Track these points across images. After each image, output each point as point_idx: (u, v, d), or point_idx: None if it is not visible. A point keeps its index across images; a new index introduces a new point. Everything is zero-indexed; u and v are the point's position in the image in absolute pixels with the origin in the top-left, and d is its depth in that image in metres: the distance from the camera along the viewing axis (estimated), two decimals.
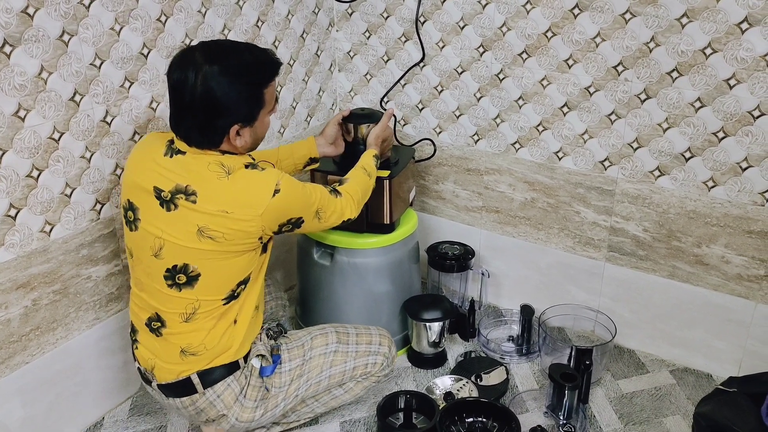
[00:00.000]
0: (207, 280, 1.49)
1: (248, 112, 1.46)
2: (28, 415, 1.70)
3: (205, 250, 1.45)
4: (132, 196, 1.51)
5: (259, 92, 1.46)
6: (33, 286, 1.64)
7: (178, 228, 1.44)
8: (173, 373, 1.56)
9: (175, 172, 1.44)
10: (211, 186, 1.43)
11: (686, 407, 1.92)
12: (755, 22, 1.65)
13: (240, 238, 1.46)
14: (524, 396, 1.97)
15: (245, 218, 1.43)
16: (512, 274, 2.35)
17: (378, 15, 2.25)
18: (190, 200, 1.42)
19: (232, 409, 1.59)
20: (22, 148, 1.54)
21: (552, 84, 2.01)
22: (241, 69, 1.43)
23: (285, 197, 1.46)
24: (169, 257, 1.47)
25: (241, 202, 1.43)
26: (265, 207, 1.44)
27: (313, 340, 1.73)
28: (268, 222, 1.47)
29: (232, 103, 1.41)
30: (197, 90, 1.38)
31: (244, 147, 1.50)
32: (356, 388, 1.78)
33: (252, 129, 1.49)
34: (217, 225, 1.43)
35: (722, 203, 1.87)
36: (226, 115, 1.42)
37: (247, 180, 1.45)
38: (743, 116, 1.76)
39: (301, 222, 1.56)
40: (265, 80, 1.47)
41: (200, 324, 1.52)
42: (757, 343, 1.94)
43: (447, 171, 2.33)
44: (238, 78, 1.41)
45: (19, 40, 1.47)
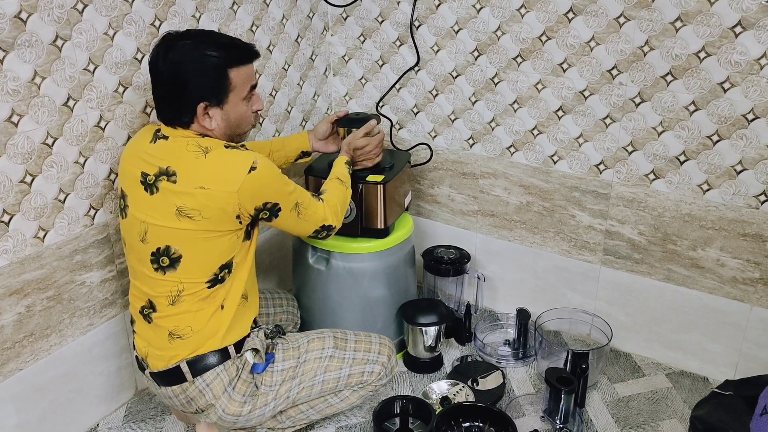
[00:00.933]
0: (188, 262, 1.52)
1: (213, 89, 1.49)
2: (22, 421, 1.69)
3: (184, 230, 1.48)
4: (124, 184, 1.57)
5: (224, 71, 1.49)
6: (26, 293, 1.63)
7: (159, 210, 1.49)
8: (164, 359, 1.58)
9: (158, 156, 1.50)
10: (189, 164, 1.48)
11: (682, 410, 1.92)
12: (749, 25, 1.66)
13: (217, 216, 1.48)
14: (521, 400, 1.97)
15: (221, 195, 1.46)
16: (508, 278, 2.35)
17: (372, 19, 2.25)
18: (170, 180, 1.47)
19: (220, 400, 1.59)
20: (16, 154, 1.53)
21: (547, 88, 2.02)
22: (208, 44, 1.49)
23: (261, 176, 1.48)
24: (152, 240, 1.52)
25: (218, 177, 1.46)
26: (241, 183, 1.45)
27: (310, 344, 1.72)
28: (244, 200, 1.48)
29: (194, 74, 1.46)
30: (165, 63, 1.47)
31: (218, 131, 1.53)
32: (352, 396, 1.76)
33: (223, 112, 1.52)
34: (194, 203, 1.46)
35: (717, 206, 1.87)
36: (190, 88, 1.47)
37: (225, 157, 1.49)
38: (737, 119, 1.76)
39: (278, 210, 1.56)
40: (231, 60, 1.50)
41: (186, 306, 1.55)
42: (753, 346, 1.94)
43: (442, 175, 2.33)
44: (202, 51, 1.47)
45: (12, 45, 1.47)
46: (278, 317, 1.99)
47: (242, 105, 1.55)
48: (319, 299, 2.07)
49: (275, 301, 2.01)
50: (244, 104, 1.55)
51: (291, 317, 2.04)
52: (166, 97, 1.51)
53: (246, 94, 1.55)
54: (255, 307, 1.71)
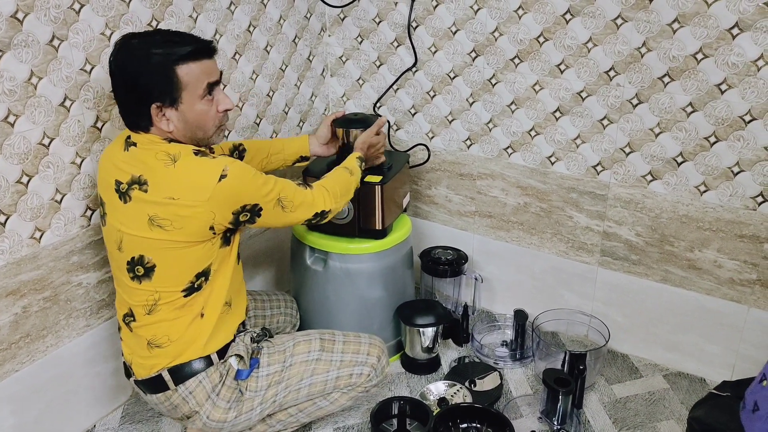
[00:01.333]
0: (163, 271, 1.49)
1: (162, 89, 1.42)
2: (18, 423, 1.68)
3: (157, 240, 1.45)
4: (101, 191, 1.55)
5: (170, 69, 1.41)
6: (23, 293, 1.63)
7: (133, 219, 1.46)
8: (145, 368, 1.57)
9: (130, 164, 1.47)
10: (159, 174, 1.43)
11: (680, 411, 1.92)
12: (746, 27, 1.66)
13: (189, 226, 1.44)
14: (518, 401, 1.97)
15: (192, 204, 1.42)
16: (505, 279, 2.35)
17: (370, 20, 2.25)
18: (142, 189, 1.44)
19: (204, 407, 1.58)
20: (12, 154, 1.53)
21: (544, 89, 2.02)
22: (150, 43, 1.43)
23: (233, 182, 1.43)
24: (127, 249, 1.50)
25: (187, 187, 1.42)
26: (211, 192, 1.41)
27: (296, 347, 1.70)
28: (218, 209, 1.44)
29: (140, 74, 1.41)
30: (115, 65, 1.43)
31: (178, 132, 1.47)
32: (342, 399, 1.74)
33: (178, 112, 1.44)
34: (165, 213, 1.43)
35: (714, 208, 1.87)
36: (139, 88, 1.42)
37: (193, 166, 1.44)
38: (735, 121, 1.76)
39: (260, 210, 1.52)
40: (178, 57, 1.41)
41: (162, 315, 1.53)
42: (750, 347, 1.94)
43: (440, 176, 2.33)
44: (147, 50, 1.41)
45: (9, 45, 1.46)
46: (275, 319, 1.99)
47: (201, 104, 1.46)
48: (317, 300, 2.07)
49: (273, 303, 2.01)
50: (203, 104, 1.47)
51: (289, 318, 2.04)
52: (121, 100, 1.47)
53: (202, 93, 1.45)
54: (240, 313, 1.68)
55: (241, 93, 2.08)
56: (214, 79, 1.48)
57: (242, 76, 2.06)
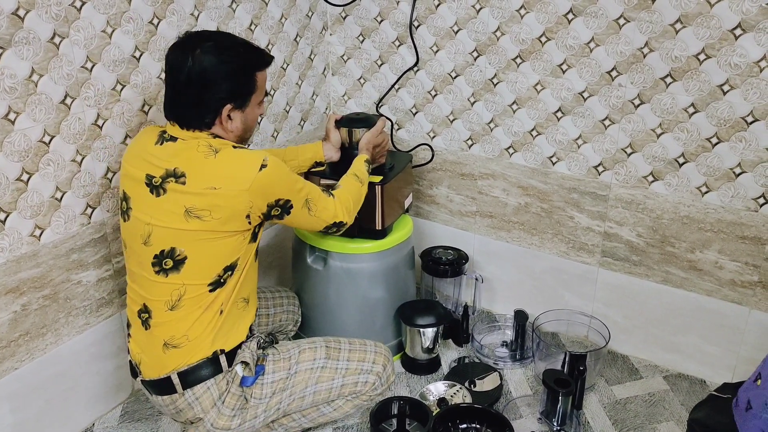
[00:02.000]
0: (193, 264, 1.50)
1: (239, 91, 1.49)
2: (18, 421, 1.68)
3: (192, 231, 1.47)
4: (126, 186, 1.55)
5: (251, 73, 1.51)
6: (22, 291, 1.62)
7: (166, 211, 1.47)
8: (156, 369, 1.56)
9: (164, 158, 1.48)
10: (199, 165, 1.46)
11: (680, 413, 1.92)
12: (749, 28, 1.66)
13: (227, 215, 1.46)
14: (518, 402, 1.97)
15: (232, 193, 1.45)
16: (506, 279, 2.35)
17: (372, 19, 2.25)
18: (179, 182, 1.45)
19: (209, 414, 1.58)
20: (12, 152, 1.52)
21: (546, 89, 2.01)
22: (234, 46, 1.50)
23: (271, 173, 1.48)
24: (157, 243, 1.49)
25: (228, 176, 1.45)
26: (252, 181, 1.45)
27: (301, 354, 1.69)
28: (256, 199, 1.48)
29: (222, 76, 1.46)
30: (192, 65, 1.44)
31: (235, 133, 1.54)
32: (345, 406, 1.74)
33: (243, 114, 1.52)
34: (204, 203, 1.44)
35: (716, 209, 1.87)
36: (217, 90, 1.46)
37: (235, 156, 1.48)
38: (737, 122, 1.76)
39: (290, 207, 1.56)
40: (256, 63, 1.52)
41: (186, 312, 1.53)
42: (751, 349, 1.94)
43: (441, 176, 2.33)
44: (230, 54, 1.47)
45: (10, 42, 1.46)
46: (278, 317, 1.98)
47: (257, 109, 1.57)
48: (318, 299, 2.06)
49: (276, 300, 2.00)
50: (258, 108, 1.57)
51: (292, 316, 2.03)
52: (189, 98, 1.48)
53: (263, 98, 1.57)
54: (253, 313, 1.69)
55: None
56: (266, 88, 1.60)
57: None
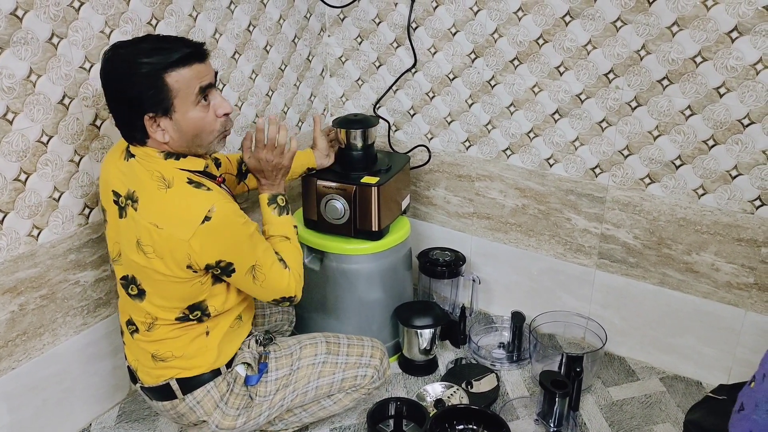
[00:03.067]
0: (152, 298, 1.46)
1: (153, 99, 1.34)
2: (14, 420, 1.68)
3: (142, 266, 1.41)
4: (102, 198, 1.52)
5: (158, 77, 1.33)
6: (20, 291, 1.62)
7: (126, 236, 1.42)
8: (152, 376, 1.56)
9: (128, 175, 1.43)
10: (149, 195, 1.39)
11: (676, 415, 1.92)
12: (745, 31, 1.66)
13: (169, 259, 1.38)
14: (515, 403, 1.97)
15: (173, 239, 1.36)
16: (503, 281, 2.35)
17: (370, 20, 2.25)
18: (134, 207, 1.39)
19: (212, 416, 1.58)
20: (10, 152, 1.52)
21: (543, 91, 2.02)
22: (137, 52, 1.35)
23: (216, 226, 1.36)
24: (124, 264, 1.47)
25: (172, 219, 1.36)
26: (194, 232, 1.35)
27: (302, 350, 1.71)
28: (195, 253, 1.37)
29: (129, 86, 1.34)
30: (103, 82, 1.38)
31: (174, 143, 1.40)
32: (345, 399, 1.76)
33: (173, 122, 1.37)
34: (148, 239, 1.37)
35: (712, 211, 1.88)
36: (127, 102, 1.36)
37: (183, 197, 1.38)
38: (733, 124, 1.77)
39: (232, 271, 1.44)
40: (165, 64, 1.33)
41: (162, 334, 1.50)
42: (747, 351, 1.94)
43: (438, 177, 2.33)
44: (134, 59, 1.34)
45: (8, 43, 1.46)
46: (274, 318, 1.98)
47: (196, 111, 1.38)
48: (315, 300, 2.07)
49: None
50: (198, 110, 1.39)
51: (287, 316, 2.03)
52: (114, 112, 1.41)
53: (195, 98, 1.37)
54: (249, 324, 1.67)
55: (240, 92, 2.08)
56: (207, 82, 1.39)
57: (241, 75, 2.06)
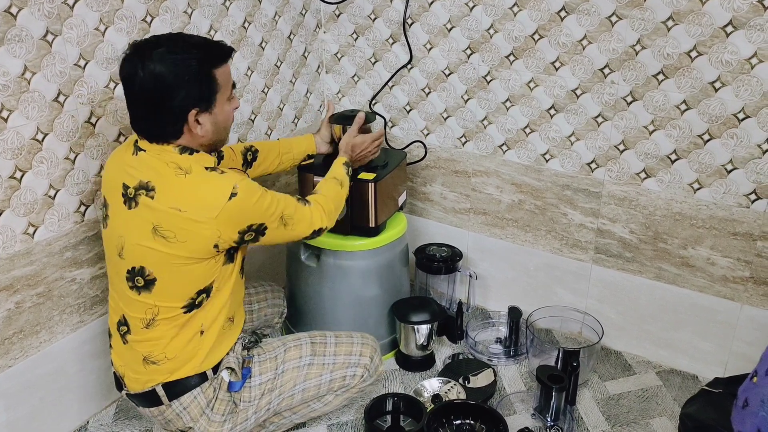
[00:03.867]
0: (163, 286, 1.46)
1: (202, 93, 1.41)
2: (11, 419, 1.68)
3: (159, 252, 1.42)
4: (106, 193, 1.51)
5: (209, 72, 1.41)
6: (16, 289, 1.62)
7: (137, 226, 1.43)
8: (139, 382, 1.55)
9: (139, 168, 1.43)
10: (169, 182, 1.41)
11: (672, 408, 1.93)
12: (740, 25, 1.67)
13: (193, 241, 1.41)
14: (512, 398, 1.97)
15: (199, 219, 1.39)
16: (500, 276, 2.36)
17: (365, 17, 2.25)
18: (149, 196, 1.41)
19: (198, 422, 1.56)
20: (5, 149, 1.52)
21: (539, 86, 2.02)
22: (187, 46, 1.40)
23: (242, 201, 1.42)
24: (129, 258, 1.46)
25: (196, 202, 1.39)
26: (220, 209, 1.39)
27: (287, 353, 1.69)
28: (225, 227, 1.42)
29: (182, 81, 1.37)
30: (144, 77, 1.36)
31: (206, 137, 1.46)
32: (335, 400, 1.74)
33: (212, 116, 1.44)
34: (169, 224, 1.39)
35: (708, 205, 1.88)
36: (179, 96, 1.38)
37: (205, 180, 1.42)
38: (728, 119, 1.77)
39: (265, 229, 1.50)
40: (213, 60, 1.42)
41: (161, 332, 1.50)
42: (743, 344, 1.95)
43: (435, 173, 2.33)
44: (182, 56, 1.38)
45: (2, 40, 1.46)
46: (263, 312, 1.96)
47: (227, 105, 1.48)
48: (311, 296, 2.07)
49: (259, 295, 1.98)
50: (228, 104, 1.49)
51: (277, 309, 2.02)
52: (148, 111, 1.41)
53: (229, 94, 1.48)
54: (239, 329, 1.66)
55: (236, 89, 2.07)
56: (233, 80, 1.50)
57: (237, 72, 2.06)
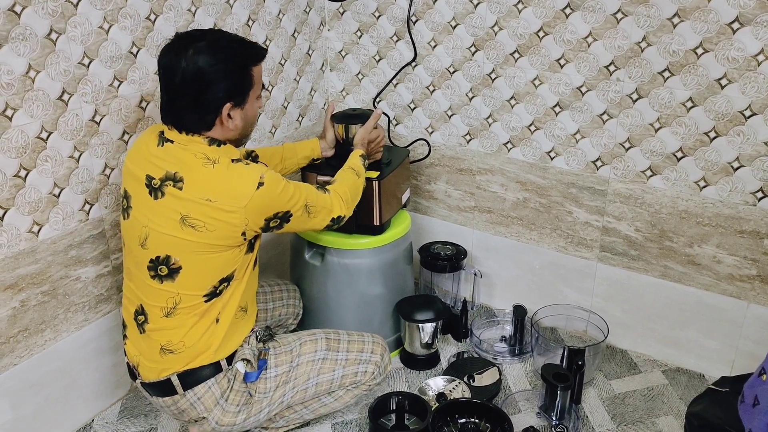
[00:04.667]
0: (188, 274, 1.49)
1: (238, 88, 1.46)
2: (16, 417, 1.68)
3: (186, 241, 1.45)
4: (128, 184, 1.54)
5: (247, 69, 1.47)
6: (21, 287, 1.63)
7: (163, 216, 1.45)
8: (155, 372, 1.56)
9: (166, 159, 1.46)
10: (197, 173, 1.44)
11: (678, 407, 1.92)
12: (746, 21, 1.66)
13: (222, 230, 1.45)
14: (517, 396, 1.97)
15: (228, 209, 1.43)
16: (504, 275, 2.35)
17: (369, 14, 2.25)
18: (177, 186, 1.44)
19: (212, 412, 1.58)
20: (10, 148, 1.52)
21: (544, 84, 2.01)
22: (228, 43, 1.46)
23: (269, 190, 1.46)
24: (153, 247, 1.48)
25: (225, 191, 1.43)
26: (249, 198, 1.43)
27: (302, 347, 1.71)
28: (253, 215, 1.46)
29: (220, 75, 1.42)
30: (187, 67, 1.41)
31: (236, 131, 1.51)
32: (346, 396, 1.76)
33: (243, 111, 1.49)
34: (199, 213, 1.43)
35: (714, 203, 1.87)
36: (216, 89, 1.43)
37: (232, 171, 1.46)
38: (735, 116, 1.76)
39: (290, 216, 1.54)
40: (252, 58, 1.49)
41: (181, 320, 1.52)
42: (750, 343, 1.94)
43: (439, 171, 2.33)
44: (225, 51, 1.44)
45: (6, 39, 1.46)
46: (277, 311, 1.98)
47: (256, 103, 1.54)
48: (316, 295, 2.06)
49: (275, 294, 1.99)
50: (257, 102, 1.54)
51: (292, 309, 2.03)
52: (187, 101, 1.44)
53: (260, 93, 1.54)
54: (253, 319, 1.68)
55: None
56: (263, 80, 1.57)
57: None
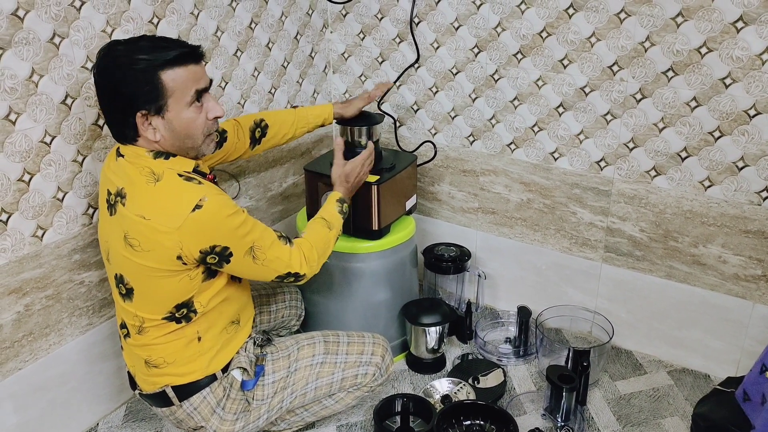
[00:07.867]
0: (139, 296, 1.45)
1: (146, 95, 1.35)
2: (21, 421, 1.68)
3: (131, 261, 1.40)
4: (100, 199, 1.51)
5: (154, 74, 1.34)
6: (25, 292, 1.63)
7: (114, 233, 1.43)
8: (149, 383, 1.56)
9: (117, 174, 1.43)
10: (138, 189, 1.39)
11: (684, 408, 1.91)
12: (750, 20, 1.65)
13: (157, 251, 1.37)
14: (522, 398, 1.96)
15: (162, 229, 1.35)
16: (509, 276, 2.35)
17: (372, 16, 2.24)
18: (122, 203, 1.39)
19: (210, 422, 1.57)
20: (13, 152, 1.52)
21: (547, 84, 2.01)
22: (132, 50, 1.36)
23: (207, 214, 1.35)
24: (114, 264, 1.47)
25: (160, 209, 1.36)
26: (183, 220, 1.34)
27: (300, 351, 1.69)
28: (187, 241, 1.36)
29: (124, 81, 1.34)
30: (96, 79, 1.38)
31: (165, 142, 1.41)
32: (347, 398, 1.75)
33: (165, 120, 1.38)
34: (135, 232, 1.37)
35: (719, 203, 1.86)
36: (120, 98, 1.35)
37: (173, 188, 1.38)
38: (739, 115, 1.75)
39: (230, 255, 1.42)
40: (163, 62, 1.34)
41: (153, 338, 1.49)
42: (755, 343, 1.93)
43: (442, 172, 2.32)
44: (131, 56, 1.34)
45: (9, 43, 1.46)
46: (280, 314, 1.97)
47: (188, 112, 1.39)
48: (320, 299, 2.06)
49: (277, 296, 1.98)
50: (191, 111, 1.40)
51: (294, 311, 2.02)
52: (106, 110, 1.40)
53: (190, 99, 1.39)
54: (248, 328, 1.65)
55: (243, 90, 2.08)
56: (203, 85, 1.41)
57: (244, 73, 2.06)
